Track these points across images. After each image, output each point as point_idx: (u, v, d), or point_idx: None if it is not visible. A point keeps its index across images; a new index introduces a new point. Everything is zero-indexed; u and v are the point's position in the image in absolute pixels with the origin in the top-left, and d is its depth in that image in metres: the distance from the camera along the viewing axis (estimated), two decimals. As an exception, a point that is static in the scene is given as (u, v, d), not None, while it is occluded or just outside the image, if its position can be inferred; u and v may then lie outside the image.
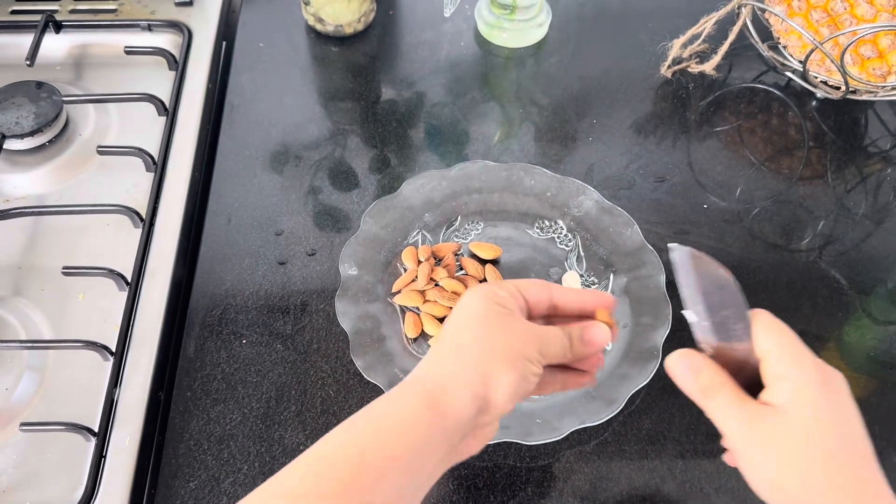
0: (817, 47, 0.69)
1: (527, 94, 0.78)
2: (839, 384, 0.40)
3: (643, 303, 0.60)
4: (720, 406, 0.40)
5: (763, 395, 0.40)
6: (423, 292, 0.61)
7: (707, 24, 0.76)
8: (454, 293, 0.61)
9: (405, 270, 0.63)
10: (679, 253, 0.41)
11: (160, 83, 0.76)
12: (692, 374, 0.41)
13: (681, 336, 0.56)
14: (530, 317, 0.45)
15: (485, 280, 0.63)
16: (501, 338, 0.41)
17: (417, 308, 0.61)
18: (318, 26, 0.80)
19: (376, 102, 0.76)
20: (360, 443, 0.38)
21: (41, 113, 0.70)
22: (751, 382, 0.41)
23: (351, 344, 0.57)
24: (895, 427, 0.58)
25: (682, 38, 0.77)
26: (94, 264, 0.62)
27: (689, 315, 0.42)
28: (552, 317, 0.46)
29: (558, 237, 0.66)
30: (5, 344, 0.58)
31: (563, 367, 0.46)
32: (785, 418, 0.38)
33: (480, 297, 0.43)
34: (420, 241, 0.65)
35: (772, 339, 0.40)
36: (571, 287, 0.45)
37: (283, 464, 0.54)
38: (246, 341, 0.61)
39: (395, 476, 0.37)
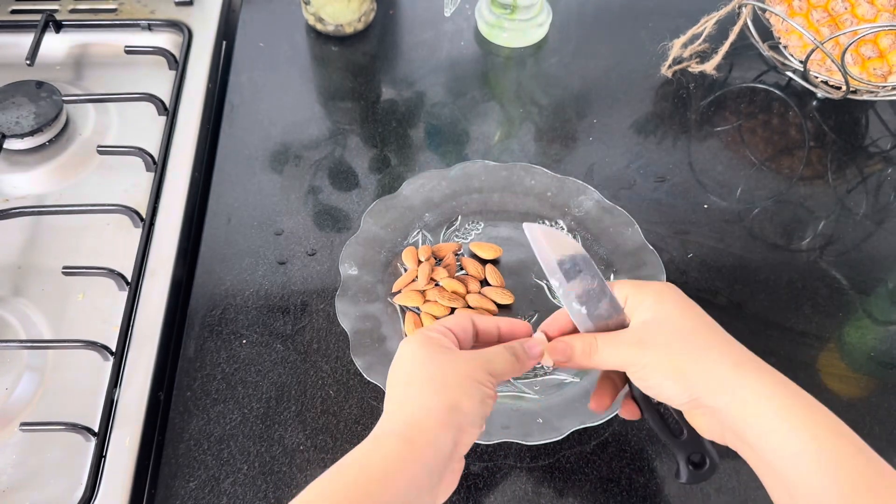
0: (818, 47, 0.69)
1: (527, 94, 0.78)
2: (670, 293, 0.45)
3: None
4: (603, 357, 0.45)
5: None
6: (423, 292, 0.61)
7: (708, 24, 0.76)
8: (454, 293, 0.61)
9: (405, 270, 0.63)
10: (530, 229, 0.46)
11: (160, 83, 0.76)
12: (568, 354, 0.46)
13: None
14: (466, 347, 0.47)
15: (485, 280, 0.63)
16: (451, 369, 0.43)
17: (417, 308, 0.61)
18: (319, 26, 0.80)
19: (376, 102, 0.76)
20: (345, 489, 0.39)
21: (41, 112, 0.70)
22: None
23: (351, 344, 0.57)
24: (895, 427, 0.58)
25: (683, 38, 0.77)
26: (94, 264, 0.62)
27: (552, 282, 0.46)
28: (487, 343, 0.48)
29: (558, 237, 0.66)
30: (5, 344, 0.58)
31: None
32: (634, 329, 0.45)
33: (418, 341, 0.45)
34: (420, 240, 0.65)
35: (627, 295, 0.46)
36: (491, 317, 0.49)
37: (283, 463, 0.55)
38: (246, 341, 0.61)
39: None
